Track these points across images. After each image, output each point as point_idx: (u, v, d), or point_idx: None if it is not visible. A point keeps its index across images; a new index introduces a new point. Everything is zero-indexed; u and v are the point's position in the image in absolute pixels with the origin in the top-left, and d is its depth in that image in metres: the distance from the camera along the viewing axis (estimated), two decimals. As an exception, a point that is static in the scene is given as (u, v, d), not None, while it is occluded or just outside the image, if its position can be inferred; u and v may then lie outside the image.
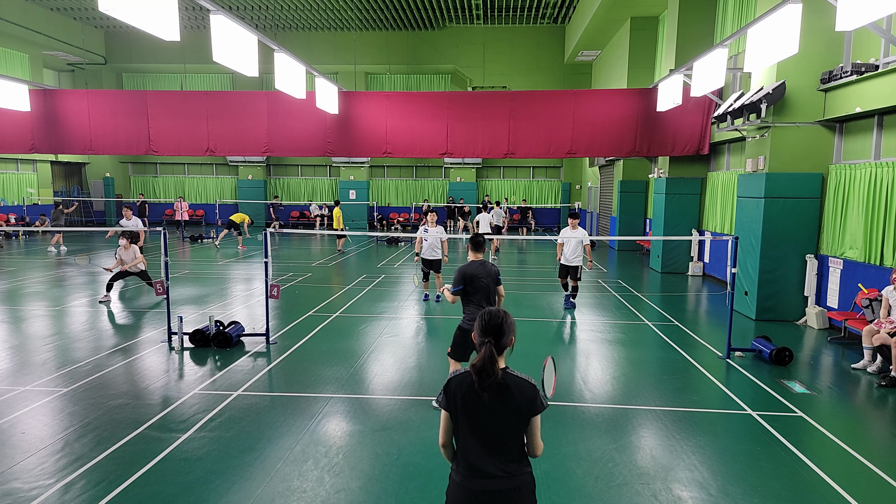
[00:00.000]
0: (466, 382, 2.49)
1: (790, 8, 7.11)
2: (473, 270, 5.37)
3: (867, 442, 5.34)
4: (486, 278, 5.36)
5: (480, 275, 5.35)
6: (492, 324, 2.52)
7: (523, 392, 2.48)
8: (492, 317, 2.53)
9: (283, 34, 26.43)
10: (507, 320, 2.55)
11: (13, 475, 4.44)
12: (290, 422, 5.47)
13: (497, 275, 5.48)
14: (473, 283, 5.34)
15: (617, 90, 15.40)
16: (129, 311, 10.04)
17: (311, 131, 14.14)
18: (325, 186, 29.89)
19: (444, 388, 2.56)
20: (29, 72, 23.78)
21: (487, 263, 5.48)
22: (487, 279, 5.37)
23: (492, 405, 2.46)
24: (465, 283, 5.38)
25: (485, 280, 5.35)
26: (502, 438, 2.49)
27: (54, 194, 26.60)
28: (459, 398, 2.50)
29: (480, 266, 5.41)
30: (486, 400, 2.45)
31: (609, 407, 5.98)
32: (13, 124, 14.22)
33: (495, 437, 2.48)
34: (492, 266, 5.49)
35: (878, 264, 8.46)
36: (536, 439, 2.57)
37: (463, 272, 5.39)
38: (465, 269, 5.40)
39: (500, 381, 2.45)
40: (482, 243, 5.53)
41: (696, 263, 14.58)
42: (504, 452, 2.49)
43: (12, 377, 6.60)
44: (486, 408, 2.47)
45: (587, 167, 26.15)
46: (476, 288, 5.36)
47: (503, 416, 2.47)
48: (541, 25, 26.18)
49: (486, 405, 2.46)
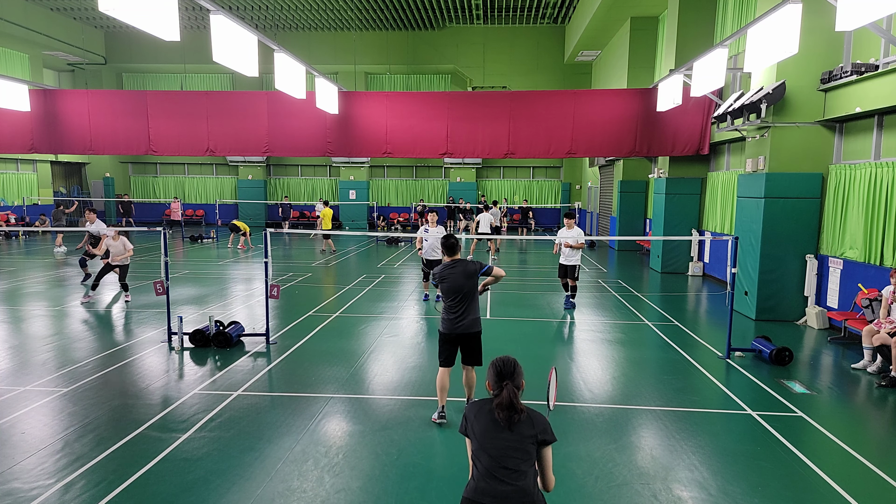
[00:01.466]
0: (485, 410, 2.74)
1: (790, 8, 7.10)
2: (442, 272, 5.40)
3: (867, 442, 5.34)
4: (460, 278, 5.33)
5: (451, 276, 5.35)
6: (506, 370, 2.75)
7: (535, 423, 2.69)
8: (504, 364, 2.77)
9: (283, 34, 26.43)
10: (518, 367, 2.79)
11: (13, 475, 4.44)
12: (290, 422, 5.47)
13: (476, 271, 5.43)
14: (444, 282, 5.37)
15: (617, 90, 15.40)
16: (128, 311, 10.04)
17: (311, 131, 14.14)
18: (325, 186, 29.90)
19: (464, 415, 2.85)
20: (29, 72, 23.78)
21: (463, 262, 5.44)
22: (462, 278, 5.34)
23: (508, 435, 2.66)
24: (438, 284, 5.47)
25: (459, 280, 5.32)
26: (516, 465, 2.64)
27: (54, 194, 26.61)
28: (476, 426, 2.73)
29: (452, 267, 5.40)
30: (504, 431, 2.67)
31: (609, 407, 5.98)
32: (13, 124, 14.21)
33: (509, 467, 2.62)
34: (470, 264, 5.45)
35: (878, 264, 8.46)
36: (548, 472, 2.73)
37: (435, 274, 5.46)
38: (436, 270, 5.47)
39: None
40: (453, 245, 5.52)
41: (696, 263, 14.58)
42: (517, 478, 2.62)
43: (12, 377, 6.60)
44: (503, 437, 2.66)
45: (587, 167, 26.15)
46: (448, 289, 5.36)
47: (518, 445, 2.65)
48: (541, 25, 26.18)
49: (504, 435, 2.66)
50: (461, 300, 5.36)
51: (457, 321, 5.36)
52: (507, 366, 2.78)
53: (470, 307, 5.41)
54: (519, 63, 26.61)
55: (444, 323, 5.45)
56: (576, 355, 7.81)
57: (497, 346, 8.19)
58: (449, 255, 5.52)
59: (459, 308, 5.37)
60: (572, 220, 10.55)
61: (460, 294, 5.35)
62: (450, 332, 5.42)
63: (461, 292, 5.35)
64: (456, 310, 5.37)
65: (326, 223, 18.93)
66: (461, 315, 5.36)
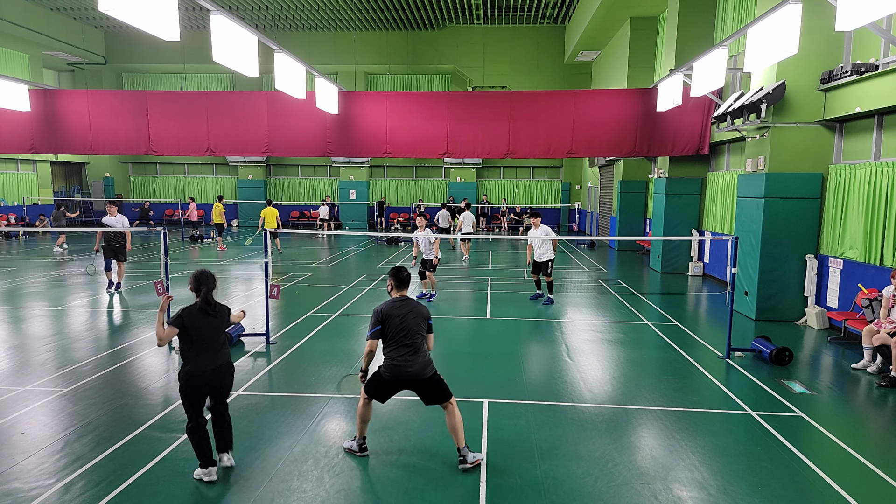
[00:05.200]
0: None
1: (790, 8, 7.10)
2: (390, 309, 4.61)
3: (867, 442, 5.34)
4: (410, 317, 4.59)
5: (399, 315, 4.59)
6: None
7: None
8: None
9: (283, 34, 26.42)
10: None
11: (13, 475, 4.43)
12: (290, 422, 5.47)
13: (427, 318, 4.71)
14: (389, 322, 4.57)
15: (617, 90, 15.40)
16: (129, 311, 10.04)
17: (311, 131, 14.14)
18: (325, 186, 29.90)
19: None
20: (29, 72, 23.79)
21: (413, 301, 4.73)
22: (412, 319, 4.60)
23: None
24: (381, 324, 4.60)
25: (409, 319, 4.58)
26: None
27: (54, 194, 26.61)
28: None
29: (401, 304, 4.66)
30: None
31: (609, 407, 5.98)
32: (13, 124, 14.21)
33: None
34: (420, 306, 4.74)
35: (878, 264, 8.46)
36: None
37: (378, 311, 4.63)
38: (382, 307, 4.65)
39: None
40: (405, 279, 4.78)
41: (696, 263, 14.58)
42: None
43: (12, 377, 6.60)
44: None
45: (587, 167, 26.15)
46: (393, 329, 4.56)
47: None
48: (541, 25, 26.18)
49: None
50: (410, 343, 4.57)
51: (405, 367, 4.55)
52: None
53: (421, 349, 4.62)
54: (519, 63, 26.61)
55: (386, 368, 4.60)
56: (575, 355, 7.80)
57: (498, 346, 8.19)
58: (399, 289, 4.76)
59: (407, 351, 4.56)
60: (538, 218, 10.93)
61: (405, 332, 4.56)
62: (395, 378, 4.60)
63: (406, 330, 4.56)
64: (402, 353, 4.56)
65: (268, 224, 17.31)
66: (409, 360, 4.56)
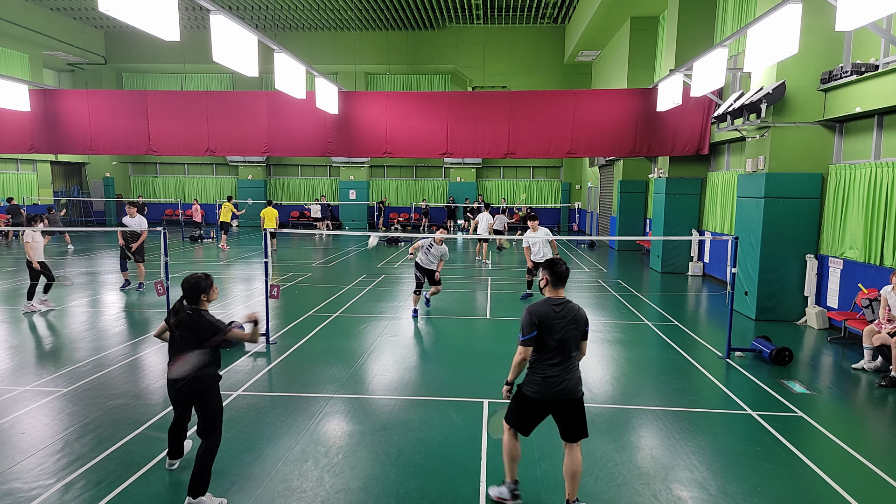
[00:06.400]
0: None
1: (790, 8, 7.10)
2: (549, 312, 3.82)
3: (867, 442, 5.34)
4: (569, 325, 3.83)
5: (560, 321, 3.81)
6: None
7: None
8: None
9: (283, 34, 26.43)
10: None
11: (13, 475, 4.43)
12: (290, 422, 5.47)
13: (587, 323, 3.95)
14: (548, 328, 3.79)
15: (617, 90, 15.40)
16: (129, 311, 10.04)
17: (311, 131, 14.14)
18: (325, 186, 29.91)
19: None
20: (29, 72, 23.78)
21: (572, 304, 3.92)
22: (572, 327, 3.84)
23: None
24: (538, 329, 3.80)
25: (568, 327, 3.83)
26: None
27: (54, 194, 26.61)
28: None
29: (561, 307, 3.86)
30: None
31: (609, 407, 5.98)
32: (13, 124, 14.21)
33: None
34: (580, 309, 3.95)
35: (878, 264, 8.46)
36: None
37: (534, 312, 3.83)
38: (538, 308, 3.85)
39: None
40: (563, 275, 3.95)
41: (696, 263, 14.58)
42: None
43: (12, 377, 6.60)
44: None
45: (587, 167, 26.15)
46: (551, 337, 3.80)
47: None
48: (541, 25, 26.18)
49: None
50: (568, 355, 3.87)
51: (558, 382, 3.82)
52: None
53: (576, 362, 3.96)
54: (519, 63, 26.62)
55: (532, 384, 3.88)
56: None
57: (498, 346, 8.19)
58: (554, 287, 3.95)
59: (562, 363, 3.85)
60: (535, 220, 10.86)
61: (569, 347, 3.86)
62: (544, 397, 3.86)
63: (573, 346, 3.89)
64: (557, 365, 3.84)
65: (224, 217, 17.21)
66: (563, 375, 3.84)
